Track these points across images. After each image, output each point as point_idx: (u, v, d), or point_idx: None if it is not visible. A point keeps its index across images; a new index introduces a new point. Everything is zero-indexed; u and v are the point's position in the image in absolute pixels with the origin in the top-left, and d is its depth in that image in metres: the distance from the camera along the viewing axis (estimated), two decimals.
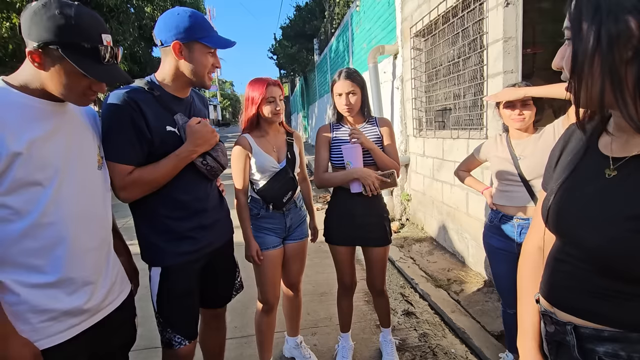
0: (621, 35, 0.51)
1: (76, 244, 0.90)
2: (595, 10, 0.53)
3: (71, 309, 0.90)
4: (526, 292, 0.78)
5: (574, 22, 0.56)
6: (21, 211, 0.82)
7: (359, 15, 6.62)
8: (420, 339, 2.19)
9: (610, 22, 0.51)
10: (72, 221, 0.90)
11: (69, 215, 0.89)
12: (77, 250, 0.91)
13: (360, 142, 1.63)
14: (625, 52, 0.51)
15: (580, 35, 0.55)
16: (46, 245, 0.85)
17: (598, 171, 0.61)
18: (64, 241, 0.88)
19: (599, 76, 0.53)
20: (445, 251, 3.45)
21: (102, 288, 0.99)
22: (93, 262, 0.96)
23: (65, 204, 0.88)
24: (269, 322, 1.78)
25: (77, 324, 0.92)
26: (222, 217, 1.42)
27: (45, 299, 0.85)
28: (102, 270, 1.00)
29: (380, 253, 1.79)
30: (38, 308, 0.84)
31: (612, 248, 0.56)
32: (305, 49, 14.21)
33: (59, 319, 0.88)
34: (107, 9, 8.86)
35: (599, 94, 0.54)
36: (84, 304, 0.93)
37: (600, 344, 0.60)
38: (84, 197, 0.94)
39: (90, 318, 0.95)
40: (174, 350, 1.30)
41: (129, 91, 1.14)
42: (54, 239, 0.86)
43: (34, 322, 0.84)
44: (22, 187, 0.81)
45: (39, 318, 0.85)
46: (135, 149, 1.13)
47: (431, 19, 3.44)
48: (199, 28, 1.18)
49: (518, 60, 2.44)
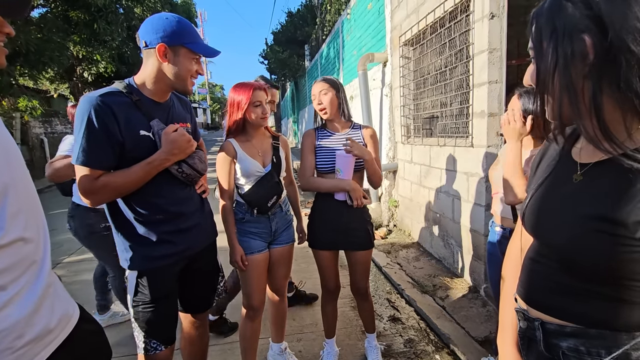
0: (576, 54, 0.54)
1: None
2: (552, 30, 0.57)
3: (42, 329, 0.78)
4: (507, 291, 0.82)
5: (535, 42, 0.60)
6: None
7: (349, 22, 6.70)
8: (405, 344, 2.19)
9: (566, 42, 0.55)
10: (30, 233, 0.78)
11: (26, 227, 0.77)
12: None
13: (356, 154, 1.63)
14: (581, 69, 0.55)
15: (541, 54, 0.59)
16: (12, 264, 0.74)
17: (568, 176, 0.65)
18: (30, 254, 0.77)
19: (559, 92, 0.58)
20: (431, 257, 3.48)
21: (57, 301, 0.86)
22: (48, 270, 0.85)
23: (20, 215, 0.76)
24: (253, 328, 1.76)
25: (50, 343, 0.80)
26: (203, 221, 1.40)
27: (16, 324, 0.73)
28: (55, 280, 0.88)
29: (363, 256, 1.80)
30: (12, 335, 0.72)
31: (574, 246, 0.59)
32: (296, 55, 14.28)
33: (33, 342, 0.76)
34: (95, 9, 8.75)
35: (559, 108, 0.59)
36: (50, 321, 0.80)
37: (564, 339, 0.63)
38: (31, 205, 0.82)
39: (58, 336, 0.83)
40: (150, 355, 1.27)
41: (102, 94, 1.12)
42: (18, 256, 0.75)
43: (7, 353, 0.71)
44: None
45: (12, 346, 0.72)
46: (105, 154, 1.12)
47: (420, 28, 3.51)
48: (186, 34, 1.18)
49: (502, 70, 2.50)
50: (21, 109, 7.71)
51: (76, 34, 9.31)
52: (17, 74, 7.86)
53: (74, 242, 4.28)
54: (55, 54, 7.92)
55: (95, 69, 10.10)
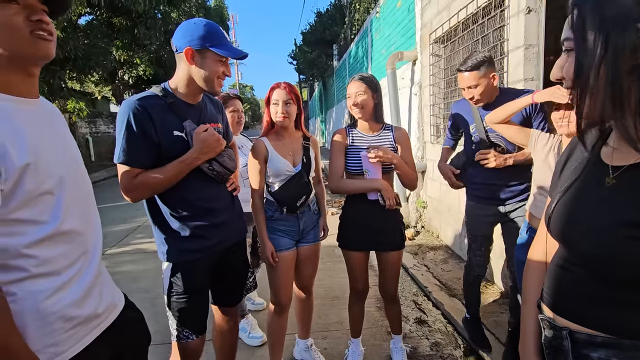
0: (627, 46, 0.50)
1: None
2: (601, 21, 0.52)
3: (90, 313, 0.86)
4: (529, 298, 0.79)
5: (576, 33, 0.55)
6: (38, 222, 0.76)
7: (378, 21, 6.64)
8: (432, 348, 2.16)
9: (617, 33, 0.51)
10: (81, 225, 0.86)
11: (79, 218, 0.85)
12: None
13: (381, 160, 1.62)
14: (629, 63, 0.51)
15: (584, 46, 0.54)
16: (67, 251, 0.82)
17: (598, 179, 0.62)
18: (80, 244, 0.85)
19: (603, 88, 0.53)
20: (460, 260, 3.39)
21: (106, 289, 0.95)
22: (98, 261, 0.94)
23: (73, 207, 0.84)
24: (280, 324, 1.81)
25: (97, 326, 0.89)
26: (234, 218, 1.46)
27: (69, 306, 0.81)
28: (103, 270, 0.97)
29: (394, 258, 1.79)
30: (65, 316, 0.81)
31: (608, 254, 0.57)
32: (324, 55, 14.33)
33: (82, 324, 0.84)
34: (136, 15, 9.24)
35: (601, 105, 0.54)
36: (98, 307, 0.89)
37: (594, 350, 0.60)
38: (84, 199, 0.91)
39: (105, 321, 0.92)
40: (182, 343, 1.35)
41: (140, 98, 1.21)
42: (72, 245, 0.84)
43: (60, 331, 0.80)
44: (34, 199, 0.75)
45: (64, 326, 0.80)
46: (142, 153, 1.20)
47: (451, 25, 3.42)
48: (211, 37, 1.24)
49: (539, 67, 2.39)
50: (70, 110, 8.31)
51: (118, 39, 9.92)
52: (67, 77, 8.48)
53: (117, 235, 4.59)
54: (100, 59, 8.49)
55: (135, 72, 10.70)
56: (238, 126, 2.20)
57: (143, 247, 4.16)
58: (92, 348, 0.86)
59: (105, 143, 13.57)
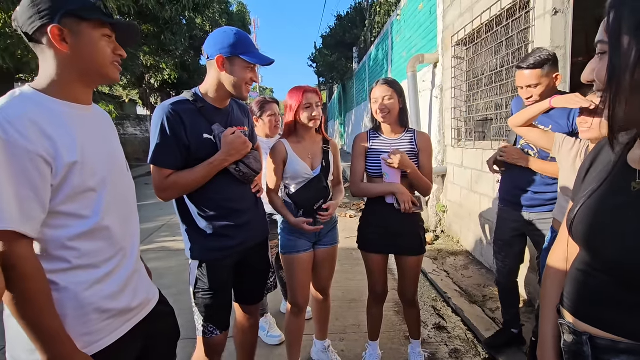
0: None
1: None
2: (638, 24, 0.51)
3: (124, 307, 0.92)
4: (549, 303, 0.78)
5: (612, 35, 0.54)
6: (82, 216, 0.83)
7: (399, 23, 6.60)
8: (451, 354, 2.13)
9: None
10: (119, 223, 0.92)
11: (117, 217, 0.91)
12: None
13: (399, 167, 1.64)
14: None
15: (619, 49, 0.53)
16: (105, 247, 0.88)
17: (624, 184, 0.61)
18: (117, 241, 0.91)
19: (636, 92, 0.52)
20: (481, 266, 3.31)
21: (141, 286, 1.01)
22: (135, 259, 1.00)
23: (113, 206, 0.90)
24: (298, 324, 1.83)
25: (130, 320, 0.95)
26: (257, 218, 1.51)
27: (105, 299, 0.87)
28: (140, 268, 1.03)
29: (414, 262, 1.79)
30: (101, 308, 0.87)
31: (630, 260, 0.56)
32: (344, 57, 14.35)
33: (116, 317, 0.90)
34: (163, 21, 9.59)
35: (633, 109, 0.53)
36: (132, 301, 0.95)
37: (616, 356, 0.60)
38: (124, 200, 0.97)
39: (138, 315, 0.97)
40: (207, 338, 1.41)
41: (173, 103, 1.28)
42: (110, 241, 0.89)
43: (95, 322, 0.86)
44: (78, 194, 0.83)
45: (100, 317, 0.86)
46: (174, 155, 1.26)
47: (474, 27, 3.37)
48: (241, 45, 1.30)
49: (566, 70, 2.32)
50: None
51: (146, 45, 10.32)
52: None
53: (143, 233, 4.74)
54: (129, 64, 8.86)
55: (160, 77, 11.09)
56: (276, 129, 2.25)
57: (167, 245, 4.31)
58: (124, 340, 0.92)
59: (132, 144, 14.08)
